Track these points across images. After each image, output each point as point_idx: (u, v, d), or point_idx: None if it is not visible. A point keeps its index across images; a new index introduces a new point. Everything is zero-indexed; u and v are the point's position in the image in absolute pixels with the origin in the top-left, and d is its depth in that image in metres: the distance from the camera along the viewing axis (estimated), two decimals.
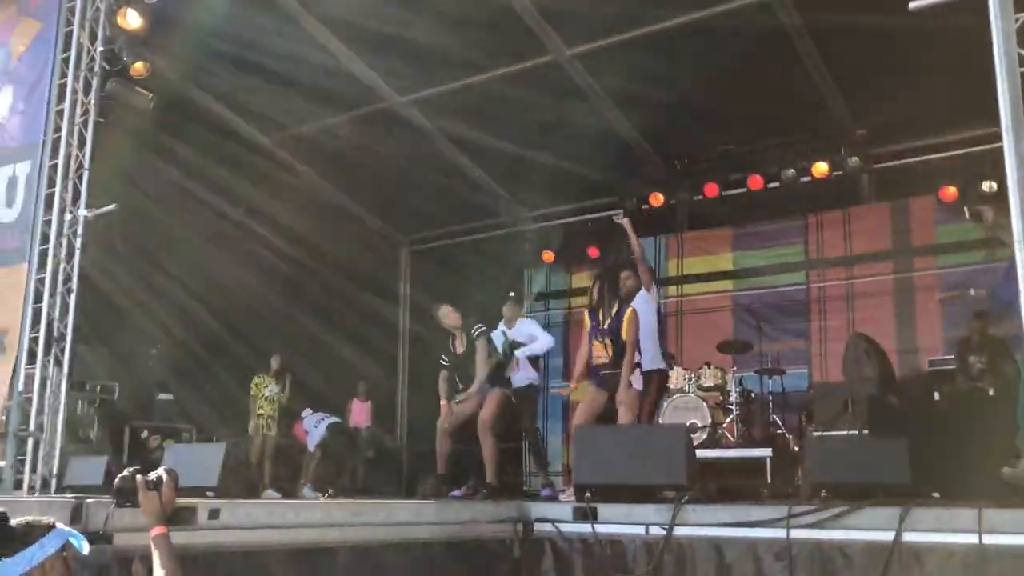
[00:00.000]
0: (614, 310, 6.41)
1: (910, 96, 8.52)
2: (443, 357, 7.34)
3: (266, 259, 10.80)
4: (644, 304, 7.21)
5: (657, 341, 7.42)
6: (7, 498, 6.00)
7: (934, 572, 3.90)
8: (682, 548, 4.58)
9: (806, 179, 9.85)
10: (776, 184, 10.01)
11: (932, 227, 9.82)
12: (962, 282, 9.39)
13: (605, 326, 6.39)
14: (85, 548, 2.84)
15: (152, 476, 3.02)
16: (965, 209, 7.39)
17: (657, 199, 10.73)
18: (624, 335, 6.29)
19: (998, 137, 4.22)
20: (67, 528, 2.81)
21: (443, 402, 7.18)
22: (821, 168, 9.71)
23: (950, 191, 9.30)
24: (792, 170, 9.82)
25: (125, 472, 3.03)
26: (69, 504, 3.22)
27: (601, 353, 6.38)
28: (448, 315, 7.15)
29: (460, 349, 7.15)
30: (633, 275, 7.39)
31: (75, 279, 7.18)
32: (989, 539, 3.82)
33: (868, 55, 8.26)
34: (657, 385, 7.39)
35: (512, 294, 8.29)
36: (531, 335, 7.66)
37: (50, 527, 2.74)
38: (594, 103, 9.56)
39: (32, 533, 2.69)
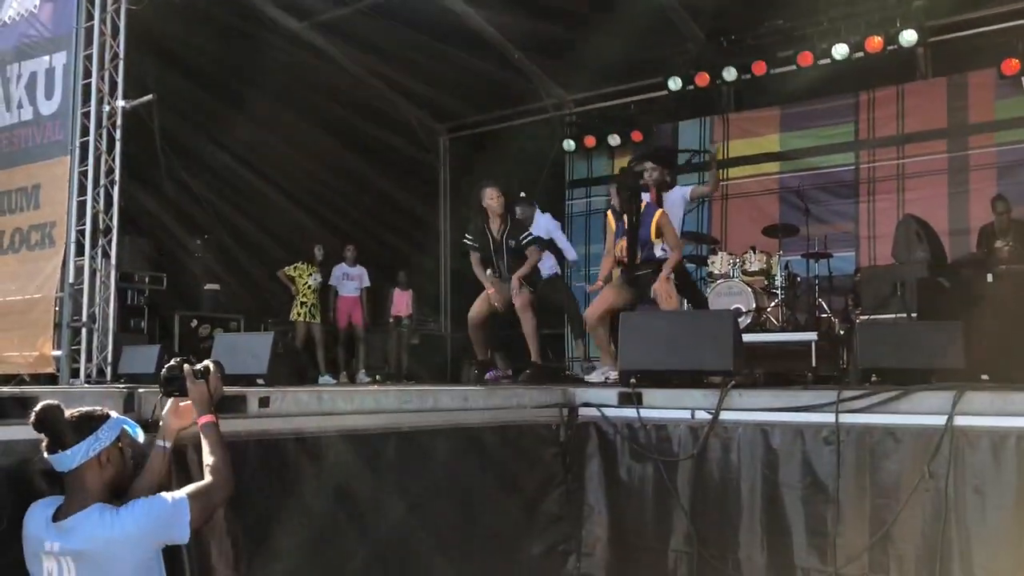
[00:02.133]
0: (638, 212, 6.28)
1: None
2: (468, 237, 7.13)
3: (305, 148, 10.72)
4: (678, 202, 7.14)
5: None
6: (62, 388, 6.19)
7: (987, 456, 3.85)
8: (728, 432, 4.57)
9: (859, 55, 9.43)
10: (827, 61, 9.61)
11: (991, 103, 9.42)
12: (1022, 160, 9.11)
13: (628, 227, 6.27)
14: (140, 436, 2.90)
15: (199, 366, 3.05)
16: (1023, 81, 7.07)
17: (703, 79, 10.38)
18: (653, 236, 6.23)
19: None
20: (122, 417, 2.86)
21: (486, 286, 6.99)
22: (875, 43, 9.27)
23: (1013, 63, 8.86)
24: (844, 45, 9.39)
25: (172, 362, 3.06)
26: (122, 393, 3.28)
27: (623, 250, 6.29)
28: (494, 197, 6.92)
29: (496, 234, 6.98)
30: (659, 168, 7.21)
31: (117, 171, 7.20)
32: None
33: None
34: None
35: (523, 195, 8.27)
36: (548, 229, 7.93)
37: (105, 417, 2.79)
38: None
39: (87, 424, 2.75)
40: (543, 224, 8.07)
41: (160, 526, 2.74)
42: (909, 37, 9.13)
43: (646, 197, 6.81)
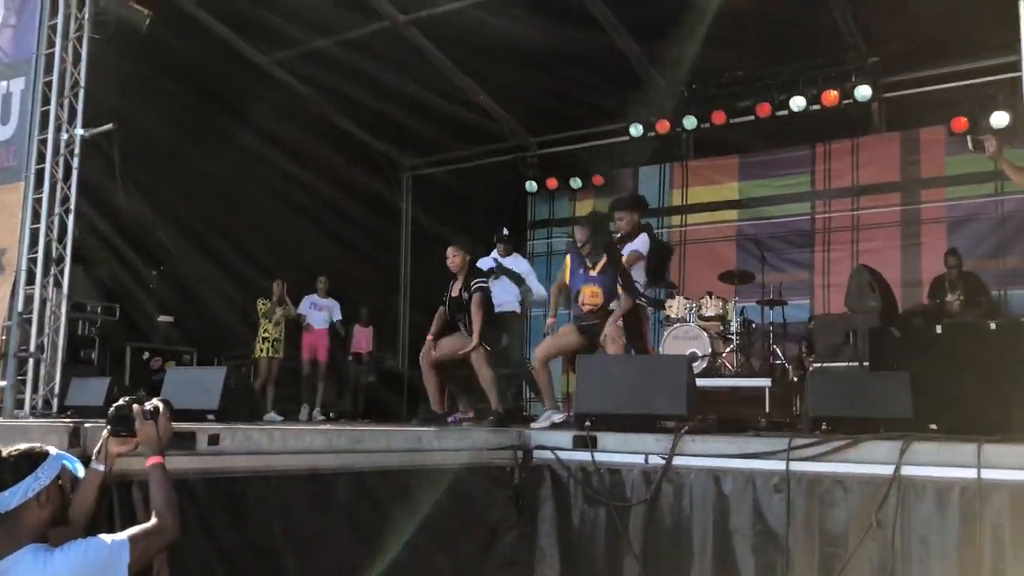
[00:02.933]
0: (603, 259, 6.34)
1: (924, 24, 8.33)
2: (445, 294, 7.13)
3: (268, 180, 10.66)
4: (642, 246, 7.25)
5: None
6: (7, 421, 6.04)
7: (932, 506, 3.92)
8: (680, 478, 4.60)
9: (815, 107, 9.66)
10: (784, 112, 9.82)
11: (942, 158, 9.70)
12: (971, 215, 9.37)
13: (595, 273, 6.32)
14: (80, 472, 2.83)
15: (149, 406, 3.00)
16: (968, 139, 7.30)
17: (664, 126, 10.55)
18: (618, 286, 6.29)
19: (1012, 67, 4.11)
20: (62, 453, 2.79)
21: (429, 336, 7.00)
22: (831, 96, 9.50)
23: (962, 121, 9.13)
24: (801, 98, 9.63)
25: (121, 400, 3.00)
26: (67, 428, 3.21)
27: (593, 299, 6.33)
28: (450, 256, 6.91)
29: (455, 292, 6.93)
30: (628, 214, 7.30)
31: (73, 199, 7.11)
32: (988, 474, 3.83)
33: None
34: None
35: (506, 232, 8.37)
36: (527, 271, 8.06)
37: (44, 455, 2.72)
38: (603, 26, 9.33)
39: (26, 464, 2.67)
40: (522, 264, 8.28)
41: (95, 570, 2.65)
42: (864, 92, 9.38)
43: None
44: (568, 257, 6.63)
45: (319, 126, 11.52)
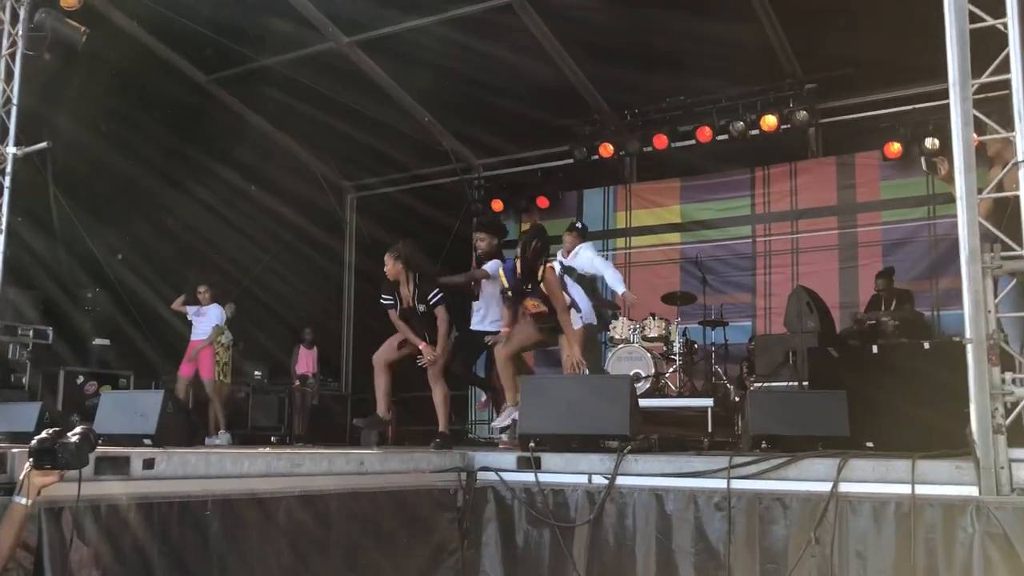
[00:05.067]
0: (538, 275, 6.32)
1: (859, 52, 8.59)
2: (384, 296, 6.75)
3: (208, 200, 10.50)
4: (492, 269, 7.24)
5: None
6: None
7: (868, 521, 3.99)
8: (624, 497, 4.62)
9: (755, 132, 9.87)
10: (725, 136, 10.01)
11: (876, 183, 9.95)
12: (905, 238, 9.61)
13: (529, 288, 6.31)
14: None
15: (73, 437, 2.91)
16: (922, 160, 7.50)
17: (607, 149, 10.67)
18: (549, 294, 6.24)
19: (943, 94, 4.24)
20: None
21: (394, 340, 6.71)
22: (770, 121, 9.72)
23: (895, 147, 9.41)
24: (741, 123, 9.82)
25: (44, 433, 2.91)
26: None
27: (540, 308, 6.32)
28: (387, 263, 6.62)
29: (406, 299, 6.66)
30: (487, 238, 7.34)
31: (4, 220, 6.91)
32: (921, 489, 3.92)
33: (819, 9, 8.28)
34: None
35: (578, 225, 8.25)
36: (591, 263, 7.88)
37: None
38: (546, 50, 9.43)
39: None
40: (582, 257, 8.01)
41: None
42: (801, 117, 9.61)
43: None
44: (504, 278, 6.55)
45: (262, 146, 11.41)
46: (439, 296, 6.58)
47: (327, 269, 12.61)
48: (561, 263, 7.96)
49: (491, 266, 7.19)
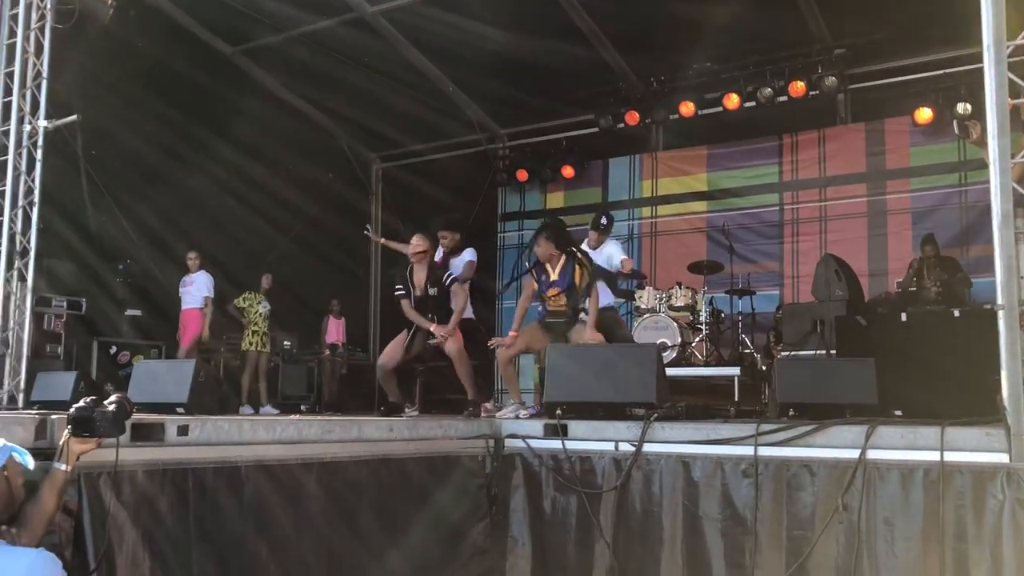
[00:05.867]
0: (560, 263, 6.32)
1: (889, 16, 8.43)
2: (397, 287, 6.84)
3: (235, 173, 10.57)
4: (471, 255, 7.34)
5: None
6: None
7: (896, 488, 3.99)
8: (650, 464, 4.64)
9: (782, 99, 9.75)
10: (752, 104, 9.90)
11: (906, 149, 9.82)
12: (935, 205, 9.49)
13: (555, 279, 6.31)
14: (30, 462, 2.80)
15: (110, 406, 2.97)
16: (954, 124, 7.38)
17: (633, 117, 10.60)
18: (578, 286, 6.24)
19: (975, 59, 4.17)
20: (9, 444, 2.76)
21: (425, 325, 6.65)
22: (798, 87, 9.60)
23: (925, 113, 9.27)
24: (769, 89, 9.71)
25: (82, 402, 2.97)
26: (33, 420, 3.18)
27: (560, 302, 6.32)
28: (418, 246, 6.70)
29: (419, 286, 6.69)
30: (451, 234, 7.32)
31: (37, 192, 7.00)
32: (950, 456, 3.91)
33: None
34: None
35: (603, 221, 7.86)
36: (609, 261, 7.66)
37: None
38: (571, 18, 9.35)
39: None
40: (605, 251, 7.78)
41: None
42: (830, 83, 9.48)
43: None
44: (533, 271, 6.55)
45: (287, 118, 11.45)
46: (452, 277, 6.65)
47: (353, 240, 12.66)
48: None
49: (469, 253, 7.31)
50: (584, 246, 7.95)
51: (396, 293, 6.82)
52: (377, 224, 13.13)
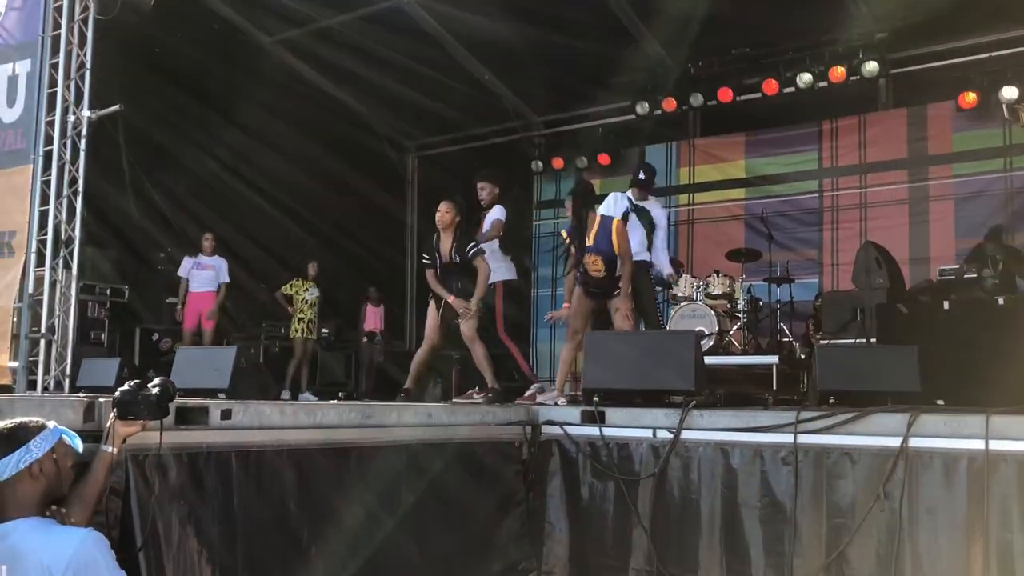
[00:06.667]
0: (595, 225, 6.31)
1: None
2: (424, 255, 6.79)
3: (273, 163, 10.67)
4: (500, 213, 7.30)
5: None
6: (21, 396, 6.10)
7: (939, 477, 3.94)
8: (688, 451, 4.63)
9: (822, 84, 9.63)
10: (791, 89, 9.79)
11: (949, 134, 9.65)
12: (979, 191, 9.31)
13: (591, 243, 6.30)
14: (79, 445, 2.86)
15: (154, 390, 3.03)
16: (1003, 107, 7.21)
17: (670, 104, 10.53)
18: (616, 248, 6.25)
19: (1020, 41, 4.07)
20: (59, 427, 2.82)
21: (445, 295, 6.57)
22: (838, 72, 9.47)
23: (969, 97, 9.09)
24: (808, 75, 9.58)
25: (126, 385, 3.02)
26: (82, 402, 3.24)
27: (598, 267, 6.32)
28: (444, 211, 6.58)
29: (444, 252, 6.60)
30: (489, 185, 7.40)
31: (81, 181, 7.11)
32: (995, 445, 3.85)
33: None
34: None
35: (642, 176, 7.65)
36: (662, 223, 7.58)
37: (40, 428, 2.74)
38: (607, 3, 9.30)
39: (19, 436, 2.69)
40: (655, 212, 7.57)
41: (90, 560, 2.63)
42: (871, 68, 9.34)
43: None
44: (566, 235, 6.58)
45: (324, 107, 11.52)
46: (476, 248, 6.58)
47: (391, 228, 12.74)
48: (630, 200, 7.54)
49: (498, 211, 7.24)
50: (629, 194, 7.69)
51: (423, 261, 6.79)
52: (414, 213, 13.22)
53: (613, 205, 7.47)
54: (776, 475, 4.35)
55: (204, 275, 9.80)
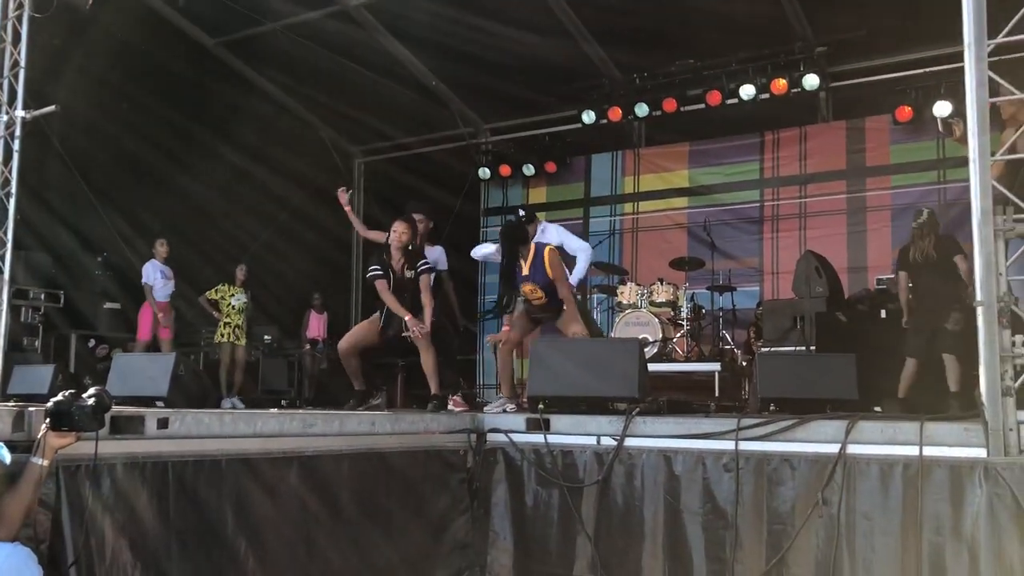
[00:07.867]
0: (530, 255, 6.32)
1: (871, 14, 8.48)
2: (372, 267, 6.74)
3: (213, 165, 10.48)
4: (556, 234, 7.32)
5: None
6: None
7: (875, 483, 4.02)
8: (632, 458, 4.65)
9: (764, 96, 9.79)
10: (735, 101, 9.93)
11: (886, 147, 9.88)
12: (915, 202, 9.53)
13: (527, 272, 6.31)
14: (7, 456, 2.78)
15: (90, 400, 2.95)
16: (938, 121, 7.41)
17: (616, 113, 10.60)
18: (550, 274, 6.24)
19: (955, 57, 4.20)
20: None
21: (400, 312, 6.51)
22: (780, 85, 9.63)
23: (906, 110, 9.33)
24: (751, 87, 9.74)
25: (60, 396, 2.94)
26: (11, 412, 3.14)
27: (538, 295, 6.33)
28: (402, 232, 6.60)
29: (397, 268, 6.61)
30: (425, 220, 7.46)
31: (14, 183, 6.91)
32: (930, 451, 3.94)
33: None
34: None
35: (522, 213, 7.81)
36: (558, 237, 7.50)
37: None
38: (555, 13, 9.34)
39: None
40: (550, 234, 7.60)
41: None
42: (812, 81, 9.52)
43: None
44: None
45: (269, 111, 11.37)
46: (426, 266, 6.58)
47: (336, 234, 12.59)
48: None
49: (434, 254, 7.40)
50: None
51: (371, 273, 6.72)
52: (359, 217, 13.08)
53: (555, 234, 7.50)
54: (718, 482, 4.40)
55: (166, 284, 9.64)
